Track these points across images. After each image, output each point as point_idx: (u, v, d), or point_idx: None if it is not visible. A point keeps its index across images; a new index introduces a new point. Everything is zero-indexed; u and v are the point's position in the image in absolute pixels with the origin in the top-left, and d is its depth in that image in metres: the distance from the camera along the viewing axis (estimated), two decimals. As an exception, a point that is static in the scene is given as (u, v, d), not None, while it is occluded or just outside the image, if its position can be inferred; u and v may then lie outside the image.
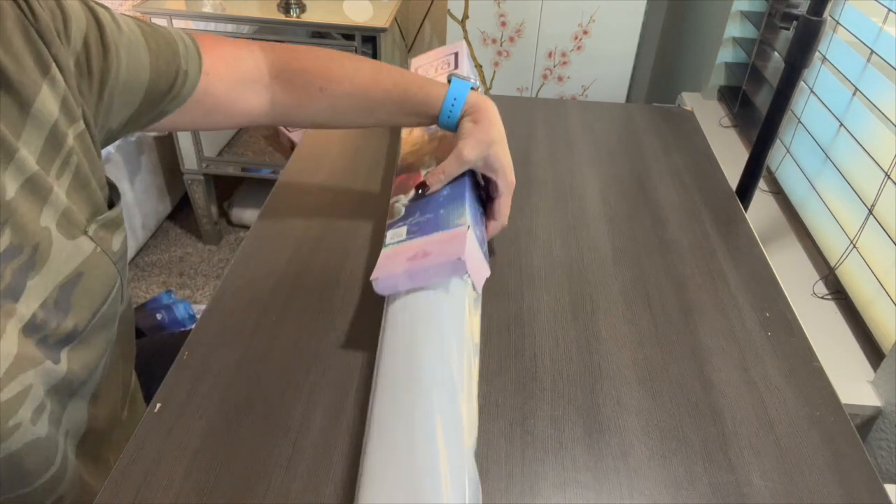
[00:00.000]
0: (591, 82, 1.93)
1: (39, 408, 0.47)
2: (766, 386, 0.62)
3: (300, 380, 0.60)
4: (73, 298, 0.48)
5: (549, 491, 0.52)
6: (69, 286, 0.48)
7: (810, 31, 0.81)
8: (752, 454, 0.55)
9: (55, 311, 0.47)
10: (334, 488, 0.51)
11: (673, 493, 0.52)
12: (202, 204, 1.97)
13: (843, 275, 1.10)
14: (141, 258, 1.99)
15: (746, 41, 1.65)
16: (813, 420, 0.59)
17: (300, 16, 1.65)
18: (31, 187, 0.45)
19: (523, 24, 1.84)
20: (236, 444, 0.54)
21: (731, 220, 0.84)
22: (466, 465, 0.47)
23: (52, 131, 0.46)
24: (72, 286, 0.48)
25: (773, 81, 1.49)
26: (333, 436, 0.55)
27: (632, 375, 0.62)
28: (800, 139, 1.33)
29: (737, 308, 0.70)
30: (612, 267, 0.75)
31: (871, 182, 1.06)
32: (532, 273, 0.74)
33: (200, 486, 0.51)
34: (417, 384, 0.51)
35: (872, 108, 1.09)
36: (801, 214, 1.26)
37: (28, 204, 0.45)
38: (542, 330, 0.66)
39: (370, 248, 0.76)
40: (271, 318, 0.66)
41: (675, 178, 0.92)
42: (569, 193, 0.88)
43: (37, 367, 0.46)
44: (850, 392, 0.95)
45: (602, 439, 0.56)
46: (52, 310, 0.47)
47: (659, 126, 1.05)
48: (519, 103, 1.10)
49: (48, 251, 0.46)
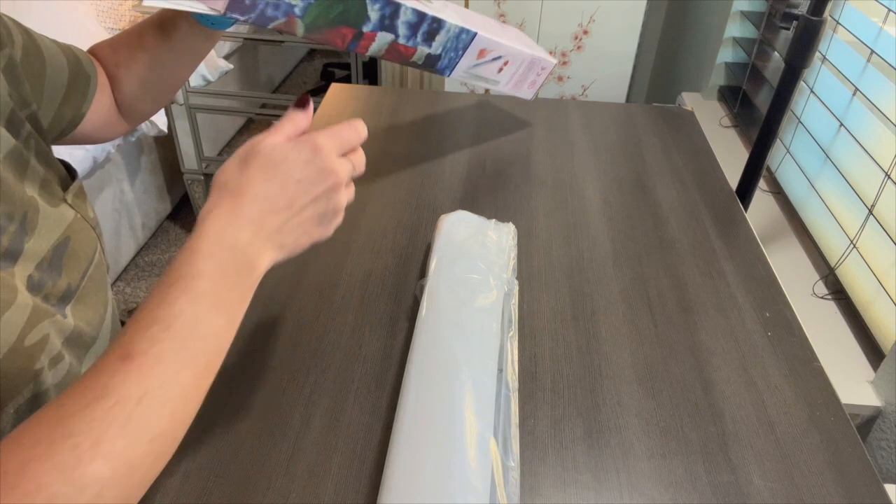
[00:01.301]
0: (591, 82, 1.93)
1: (56, 358, 0.49)
2: (766, 386, 0.62)
3: (300, 380, 0.60)
4: (64, 260, 0.51)
5: (549, 491, 0.52)
6: (60, 249, 0.51)
7: (810, 31, 0.81)
8: (752, 454, 0.55)
9: (49, 272, 0.50)
10: (334, 488, 0.51)
11: (673, 493, 0.52)
12: (202, 204, 1.97)
13: (843, 275, 1.10)
14: (141, 258, 1.99)
15: (746, 41, 1.65)
16: (813, 420, 0.59)
17: (300, 16, 1.65)
18: (12, 160, 0.48)
19: (523, 23, 1.84)
20: (236, 444, 0.54)
21: (731, 220, 0.84)
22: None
23: (9, 117, 0.50)
24: (63, 249, 0.51)
25: (773, 81, 1.49)
26: (333, 436, 0.55)
27: (632, 375, 0.62)
28: (800, 139, 1.33)
29: (737, 308, 0.70)
30: (612, 267, 0.75)
31: (871, 182, 1.06)
32: (532, 273, 0.74)
33: (200, 486, 0.51)
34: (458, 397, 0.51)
35: (872, 108, 1.09)
36: (801, 214, 1.26)
37: (13, 175, 0.48)
38: (542, 330, 0.66)
39: (370, 248, 0.76)
40: (271, 318, 0.66)
41: (675, 178, 0.92)
42: (569, 193, 0.88)
43: (49, 318, 0.49)
44: (850, 392, 0.95)
45: (602, 439, 0.56)
46: (47, 271, 0.50)
47: (659, 126, 1.05)
48: (519, 103, 1.10)
49: (36, 218, 0.49)
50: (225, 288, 0.40)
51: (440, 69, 0.80)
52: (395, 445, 0.51)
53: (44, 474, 0.32)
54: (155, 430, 0.36)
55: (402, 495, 0.47)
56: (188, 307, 0.38)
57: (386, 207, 0.83)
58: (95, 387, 0.35)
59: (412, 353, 0.58)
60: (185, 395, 0.38)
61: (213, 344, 0.40)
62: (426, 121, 1.04)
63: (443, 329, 0.60)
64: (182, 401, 0.38)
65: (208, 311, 0.39)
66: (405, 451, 0.50)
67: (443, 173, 0.91)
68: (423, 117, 1.04)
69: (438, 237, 0.71)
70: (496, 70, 0.85)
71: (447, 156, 0.95)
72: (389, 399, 0.58)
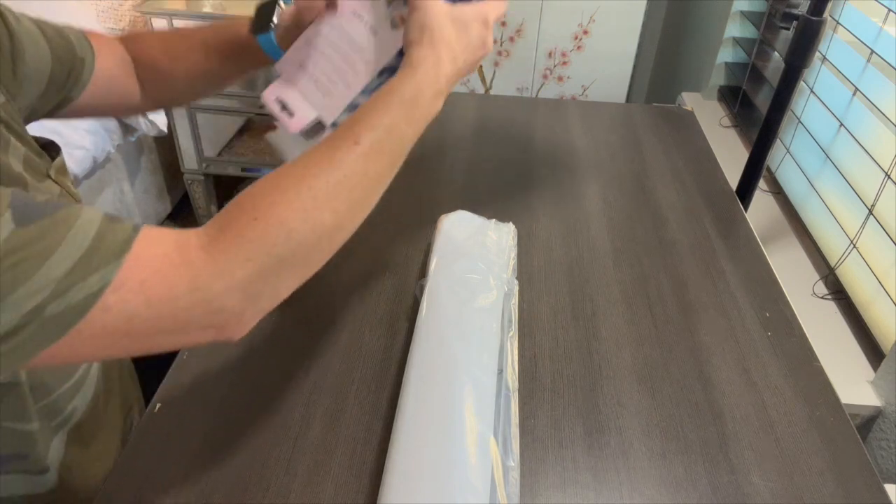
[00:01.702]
0: (591, 82, 1.93)
1: None
2: (766, 386, 0.62)
3: (300, 380, 0.60)
4: None
5: (549, 491, 0.52)
6: None
7: (810, 31, 0.81)
8: (752, 454, 0.55)
9: None
10: (334, 488, 0.51)
11: (673, 493, 0.52)
12: (202, 204, 1.97)
13: (843, 275, 1.10)
14: (141, 258, 1.98)
15: (746, 41, 1.65)
16: (813, 420, 0.59)
17: (300, 16, 1.65)
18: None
19: (523, 23, 1.84)
20: (236, 444, 0.54)
21: (731, 220, 0.84)
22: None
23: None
24: None
25: (773, 81, 1.49)
26: (333, 436, 0.55)
27: (632, 375, 0.62)
28: (800, 139, 1.33)
29: (737, 308, 0.70)
30: (612, 267, 0.75)
31: (871, 182, 1.06)
32: (532, 273, 0.74)
33: (200, 486, 0.51)
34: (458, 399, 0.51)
35: (872, 108, 1.09)
36: (801, 214, 1.26)
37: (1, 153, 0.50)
38: (542, 330, 0.66)
39: (371, 248, 0.76)
40: (271, 318, 0.65)
41: (675, 178, 0.92)
42: (569, 193, 0.88)
43: None
44: (850, 392, 0.95)
45: (602, 439, 0.56)
46: None
47: (659, 126, 1.05)
48: (519, 103, 1.10)
49: (26, 192, 0.51)
50: (415, 108, 0.52)
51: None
52: (395, 445, 0.51)
53: (288, 213, 0.43)
54: (362, 201, 0.48)
55: (402, 495, 0.47)
56: (398, 119, 0.50)
57: (386, 207, 0.83)
58: (332, 160, 0.46)
59: (412, 353, 0.58)
60: (382, 180, 0.50)
61: (405, 146, 0.51)
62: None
63: (443, 329, 0.60)
64: (379, 183, 0.49)
65: (407, 124, 0.51)
66: (405, 451, 0.50)
67: (443, 173, 0.91)
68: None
69: (438, 237, 0.71)
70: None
71: (447, 156, 0.95)
72: (389, 399, 0.58)
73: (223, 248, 0.41)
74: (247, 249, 0.41)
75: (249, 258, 0.41)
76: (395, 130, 0.50)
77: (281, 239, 0.42)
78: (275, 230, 0.42)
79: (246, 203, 0.43)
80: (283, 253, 0.42)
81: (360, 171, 0.47)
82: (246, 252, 0.41)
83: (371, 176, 0.48)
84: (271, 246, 0.42)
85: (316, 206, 0.44)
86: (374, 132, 0.48)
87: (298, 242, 0.43)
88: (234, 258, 0.41)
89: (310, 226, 0.43)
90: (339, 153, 0.46)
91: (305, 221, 0.43)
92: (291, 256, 0.43)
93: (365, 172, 0.47)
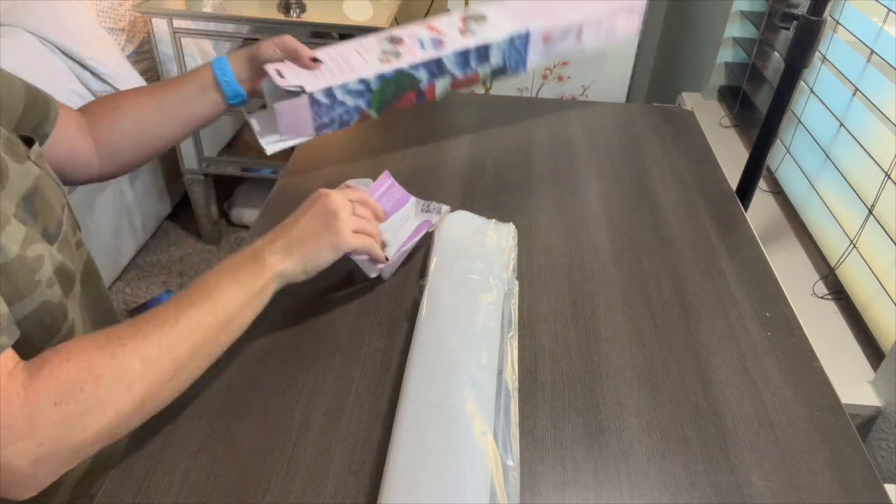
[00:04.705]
0: (591, 82, 1.93)
1: (49, 281, 0.57)
2: (766, 386, 0.62)
3: (300, 380, 0.60)
4: (37, 207, 0.58)
5: (549, 491, 0.52)
6: (31, 197, 0.58)
7: (810, 31, 0.81)
8: (752, 454, 0.55)
9: (25, 217, 0.56)
10: (334, 488, 0.51)
11: (673, 494, 0.52)
12: (202, 204, 1.97)
13: (843, 275, 1.10)
14: (141, 258, 1.99)
15: (746, 41, 1.65)
16: (813, 420, 0.59)
17: (300, 16, 1.65)
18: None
19: (523, 24, 1.84)
20: (236, 444, 0.54)
21: (731, 220, 0.84)
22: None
23: None
24: (33, 197, 0.58)
25: (773, 81, 1.49)
26: (333, 436, 0.55)
27: (632, 375, 0.62)
28: (800, 139, 1.33)
29: (737, 308, 0.70)
30: (612, 267, 0.75)
31: (871, 182, 1.06)
32: (532, 273, 0.74)
33: (200, 486, 0.51)
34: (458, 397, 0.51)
35: (872, 108, 1.09)
36: (801, 214, 1.26)
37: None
38: (542, 330, 0.66)
39: (370, 248, 0.76)
40: (271, 318, 0.65)
41: (675, 178, 0.92)
42: (569, 193, 0.88)
43: (40, 242, 0.57)
44: (850, 392, 0.95)
45: (602, 439, 0.56)
46: (24, 215, 0.56)
47: (659, 126, 1.05)
48: (519, 103, 1.10)
49: (7, 172, 0.55)
50: (240, 266, 0.58)
51: (512, 72, 0.81)
52: (395, 445, 0.51)
53: (96, 359, 0.48)
54: (179, 354, 0.51)
55: (402, 495, 0.47)
56: (214, 278, 0.56)
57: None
58: (149, 316, 0.52)
59: (412, 353, 0.58)
60: (206, 338, 0.53)
61: (232, 304, 0.55)
62: (426, 121, 1.04)
63: (443, 329, 0.60)
64: (202, 341, 0.53)
65: (228, 282, 0.56)
66: (405, 451, 0.50)
67: (443, 173, 0.91)
68: (424, 117, 1.04)
69: (438, 237, 0.71)
70: (574, 42, 0.85)
71: (447, 156, 0.95)
72: (389, 399, 0.58)
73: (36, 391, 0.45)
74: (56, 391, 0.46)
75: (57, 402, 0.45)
76: (212, 286, 0.56)
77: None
78: (83, 373, 0.47)
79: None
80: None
81: (172, 320, 0.52)
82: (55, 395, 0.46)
83: (193, 329, 0.53)
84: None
85: (123, 352, 0.49)
86: (193, 294, 0.54)
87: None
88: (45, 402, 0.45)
89: (115, 372, 0.48)
90: (161, 310, 0.53)
91: (109, 367, 0.48)
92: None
93: (179, 324, 0.52)
